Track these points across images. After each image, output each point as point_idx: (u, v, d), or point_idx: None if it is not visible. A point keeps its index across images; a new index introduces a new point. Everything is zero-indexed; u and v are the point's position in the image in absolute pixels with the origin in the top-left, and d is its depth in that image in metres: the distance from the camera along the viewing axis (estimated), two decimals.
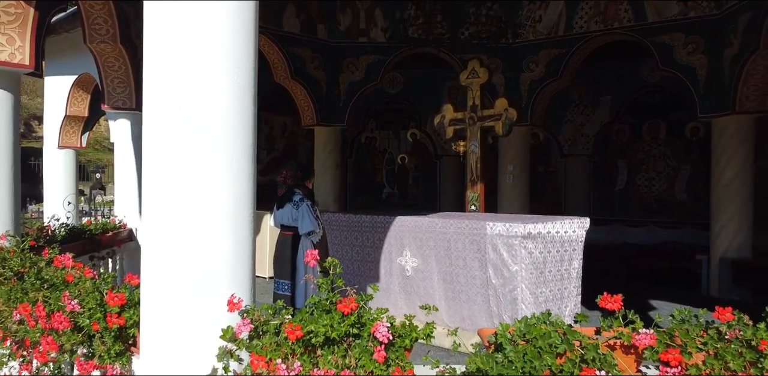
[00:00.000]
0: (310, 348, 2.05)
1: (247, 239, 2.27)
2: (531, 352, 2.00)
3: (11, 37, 4.13)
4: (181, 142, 2.14)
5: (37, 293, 2.61)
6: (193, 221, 2.15)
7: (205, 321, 2.14)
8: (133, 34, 6.75)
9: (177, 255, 2.14)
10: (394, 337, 2.05)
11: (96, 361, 2.38)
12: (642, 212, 10.29)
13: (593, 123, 10.59)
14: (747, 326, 2.10)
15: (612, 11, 8.00)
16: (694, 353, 2.09)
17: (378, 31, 8.93)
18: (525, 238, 4.59)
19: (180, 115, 2.13)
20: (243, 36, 2.22)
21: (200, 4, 2.12)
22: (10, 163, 4.30)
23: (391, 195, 11.89)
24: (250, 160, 2.26)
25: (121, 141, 7.09)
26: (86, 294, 2.46)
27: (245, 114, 2.23)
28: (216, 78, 2.15)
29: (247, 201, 2.26)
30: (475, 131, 6.19)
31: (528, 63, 8.68)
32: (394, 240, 5.41)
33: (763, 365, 2.03)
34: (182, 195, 2.15)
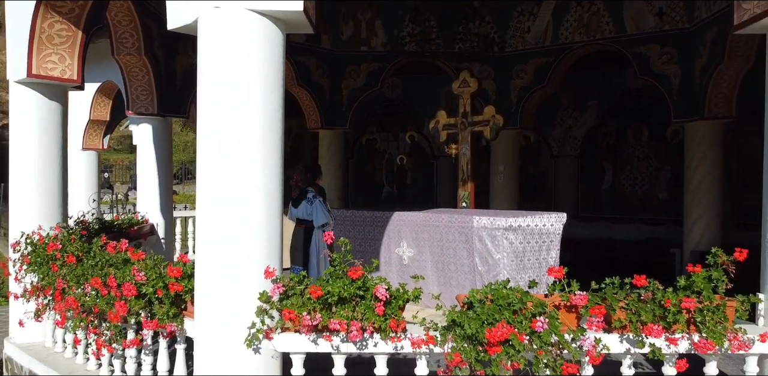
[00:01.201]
0: (327, 306, 2.72)
1: (277, 224, 2.94)
2: (493, 308, 2.66)
3: (63, 56, 4.79)
4: (225, 149, 2.80)
5: (109, 269, 3.27)
6: (236, 212, 2.81)
7: (246, 286, 2.81)
8: (156, 46, 7.42)
9: (225, 236, 2.81)
10: (390, 298, 2.72)
11: (158, 321, 3.05)
12: (627, 209, 10.92)
13: (581, 126, 11.23)
14: (658, 289, 2.78)
15: (594, 24, 8.65)
16: (618, 310, 2.76)
17: (378, 40, 9.59)
18: (506, 230, 5.26)
19: (228, 130, 2.80)
20: (274, 68, 2.88)
21: (240, 46, 2.79)
22: (59, 165, 4.97)
23: (390, 194, 12.54)
24: (279, 164, 2.93)
25: (144, 144, 7.75)
26: (148, 269, 3.12)
27: (275, 129, 2.90)
28: (253, 100, 2.82)
29: (276, 197, 2.93)
30: (466, 135, 6.85)
31: (517, 71, 9.33)
32: (393, 233, 6.08)
33: (667, 318, 2.70)
34: (229, 192, 2.82)
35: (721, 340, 2.68)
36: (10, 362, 4.86)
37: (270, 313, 2.81)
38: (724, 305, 2.75)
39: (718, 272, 2.81)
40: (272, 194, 2.90)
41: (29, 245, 4.45)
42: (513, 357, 2.56)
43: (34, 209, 4.78)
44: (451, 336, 2.69)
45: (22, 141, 4.81)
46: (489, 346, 2.55)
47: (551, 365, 2.64)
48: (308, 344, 2.83)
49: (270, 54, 2.90)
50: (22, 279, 4.40)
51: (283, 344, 2.84)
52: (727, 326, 2.75)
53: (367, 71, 9.66)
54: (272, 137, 2.89)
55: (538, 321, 2.56)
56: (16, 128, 4.86)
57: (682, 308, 2.69)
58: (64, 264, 3.94)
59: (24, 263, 4.41)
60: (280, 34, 2.94)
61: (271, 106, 2.90)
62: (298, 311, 2.67)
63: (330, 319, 2.63)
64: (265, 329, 2.78)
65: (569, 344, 2.66)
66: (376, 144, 12.62)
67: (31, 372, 4.51)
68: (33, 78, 4.66)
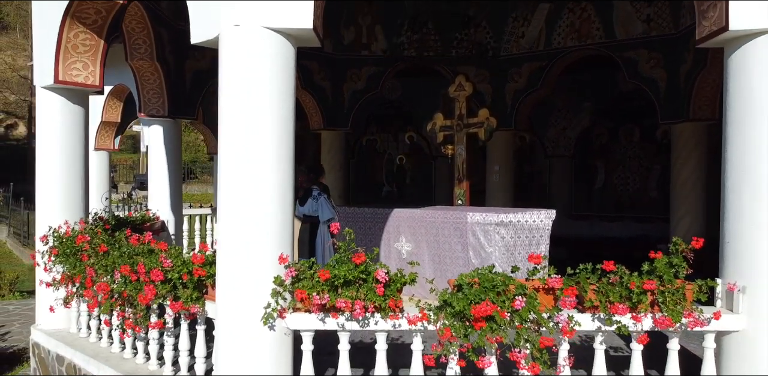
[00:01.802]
0: (334, 288, 3.10)
1: (288, 217, 3.31)
2: (479, 290, 3.04)
3: (86, 63, 5.17)
4: (243, 150, 3.18)
5: (137, 258, 3.64)
6: (253, 207, 3.19)
7: (262, 271, 3.18)
8: (167, 52, 7.80)
9: (244, 228, 3.18)
10: (389, 281, 3.10)
11: (182, 303, 3.42)
12: (618, 208, 11.31)
13: (574, 127, 11.60)
14: (624, 274, 3.16)
15: (585, 29, 9.03)
16: (590, 292, 3.14)
17: (378, 45, 9.96)
18: (498, 225, 5.64)
19: (246, 133, 3.18)
20: (286, 78, 3.26)
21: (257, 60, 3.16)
22: (82, 164, 5.34)
23: (390, 193, 12.92)
24: (290, 164, 3.31)
25: (155, 144, 8.13)
26: (174, 257, 3.50)
27: (288, 132, 3.28)
28: (268, 106, 3.20)
29: (287, 193, 3.30)
30: (462, 137, 7.23)
31: (512, 74, 9.71)
32: (392, 228, 6.46)
33: (633, 298, 3.08)
34: (247, 189, 3.19)
35: (679, 318, 3.06)
36: (38, 347, 5.23)
37: (283, 295, 3.19)
38: (683, 288, 3.13)
39: (678, 258, 3.20)
40: (284, 190, 3.28)
41: (56, 239, 4.83)
42: (496, 331, 2.94)
43: (60, 205, 5.15)
44: (443, 315, 3.07)
45: (48, 142, 5.18)
46: (475, 321, 2.92)
47: (531, 340, 3.01)
48: (317, 322, 3.21)
49: (282, 66, 3.28)
50: (50, 269, 4.78)
51: (294, 322, 3.22)
52: (685, 306, 3.13)
53: (368, 74, 10.04)
54: (285, 140, 3.26)
55: (517, 300, 2.94)
56: (42, 130, 5.23)
57: (645, 290, 3.06)
58: (93, 254, 4.32)
59: (52, 255, 4.79)
60: (291, 48, 3.32)
61: (283, 111, 3.28)
62: (308, 292, 3.05)
63: (337, 299, 3.01)
64: (279, 309, 3.16)
65: (546, 321, 3.04)
66: (377, 144, 12.99)
67: (58, 355, 4.88)
68: (59, 84, 5.04)
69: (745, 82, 3.24)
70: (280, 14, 3.16)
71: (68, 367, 4.74)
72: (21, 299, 9.70)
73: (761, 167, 3.17)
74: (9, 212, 16.16)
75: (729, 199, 3.34)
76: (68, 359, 4.73)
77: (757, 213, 3.17)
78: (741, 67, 3.26)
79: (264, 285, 3.16)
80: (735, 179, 3.29)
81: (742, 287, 3.24)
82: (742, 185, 3.24)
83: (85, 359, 4.50)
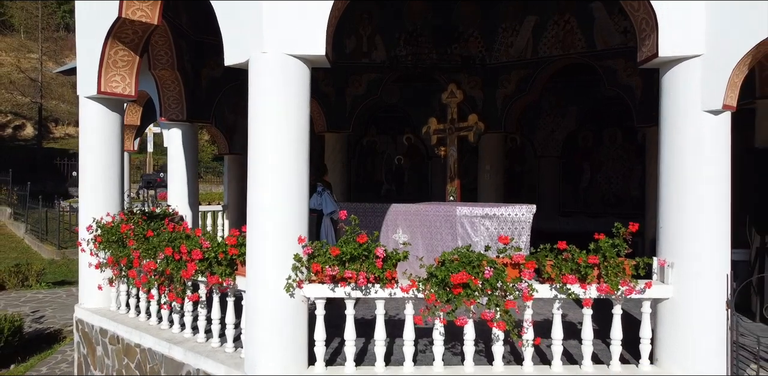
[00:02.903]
0: (342, 263, 3.87)
1: (305, 208, 4.08)
2: (459, 264, 3.81)
3: (124, 76, 5.93)
4: (268, 152, 3.95)
5: (179, 241, 4.42)
6: (277, 199, 3.96)
7: (284, 250, 3.95)
8: (185, 62, 8.58)
9: (270, 216, 3.95)
10: (386, 257, 3.87)
11: (218, 277, 4.20)
12: (603, 205, 12.09)
13: (562, 130, 12.39)
14: (575, 252, 3.93)
15: (569, 40, 9.80)
16: (547, 266, 3.92)
17: (378, 53, 10.73)
18: (483, 218, 6.41)
19: (270, 139, 3.95)
20: (303, 94, 4.04)
21: (279, 79, 3.94)
22: (118, 164, 6.11)
23: (389, 191, 13.70)
24: (305, 164, 4.08)
25: (174, 145, 8.90)
26: (211, 239, 4.27)
27: (304, 138, 4.05)
28: (288, 116, 3.97)
29: (304, 186, 4.07)
30: (453, 139, 8.00)
31: (502, 81, 10.48)
32: (390, 222, 7.23)
33: (581, 271, 3.85)
34: (271, 185, 3.96)
35: (617, 286, 3.84)
36: (81, 323, 6.00)
37: (301, 269, 3.96)
38: (622, 263, 3.91)
39: (619, 240, 3.97)
40: (301, 185, 4.05)
41: (100, 228, 5.60)
42: (470, 296, 3.71)
43: (101, 200, 5.91)
44: (429, 284, 3.84)
45: (90, 145, 5.95)
46: (454, 288, 3.70)
47: (499, 304, 3.79)
48: (328, 291, 3.98)
49: (300, 85, 4.05)
50: (96, 254, 5.56)
51: (310, 291, 3.99)
52: (624, 277, 3.90)
53: (368, 81, 10.82)
54: (303, 144, 4.03)
55: (487, 270, 3.72)
56: (85, 135, 5.99)
57: (591, 264, 3.84)
58: (138, 239, 5.08)
59: (97, 242, 5.57)
60: (307, 70, 4.09)
61: (301, 120, 4.04)
62: (322, 265, 3.82)
63: (344, 271, 3.78)
64: (297, 280, 3.93)
65: (511, 288, 3.81)
66: (376, 145, 13.77)
67: (101, 329, 5.65)
68: (101, 94, 5.80)
69: (673, 97, 4.02)
70: (299, 44, 3.93)
71: (111, 338, 5.52)
72: (47, 289, 10.47)
73: (686, 166, 3.95)
74: (26, 210, 16.91)
75: (662, 192, 4.12)
76: (111, 331, 5.51)
77: (683, 203, 3.95)
78: (670, 85, 4.04)
79: (286, 261, 3.93)
80: (666, 176, 4.07)
81: (671, 262, 4.02)
82: (671, 181, 4.02)
83: (128, 331, 5.28)
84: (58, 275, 11.81)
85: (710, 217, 3.91)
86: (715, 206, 3.92)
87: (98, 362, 5.72)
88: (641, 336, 4.11)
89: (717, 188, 3.92)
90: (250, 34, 4.01)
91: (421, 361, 4.30)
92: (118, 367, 5.41)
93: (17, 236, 16.66)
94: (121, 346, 5.35)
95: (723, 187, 3.94)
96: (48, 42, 37.10)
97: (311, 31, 3.95)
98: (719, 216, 3.93)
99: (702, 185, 3.91)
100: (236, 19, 4.16)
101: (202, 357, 4.46)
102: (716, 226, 3.92)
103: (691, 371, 3.97)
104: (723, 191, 3.94)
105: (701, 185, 3.92)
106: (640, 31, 4.25)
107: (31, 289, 10.37)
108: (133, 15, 5.52)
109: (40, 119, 31.76)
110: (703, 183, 3.91)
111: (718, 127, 3.92)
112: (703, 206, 3.91)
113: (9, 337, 6.54)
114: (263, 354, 4.00)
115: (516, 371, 4.09)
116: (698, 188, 3.92)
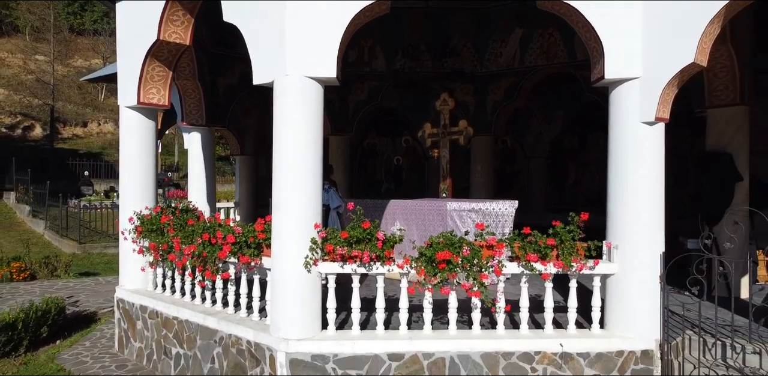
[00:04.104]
0: (350, 244, 4.81)
1: (319, 202, 5.02)
2: (444, 245, 4.76)
3: (159, 88, 6.87)
4: (289, 157, 4.89)
5: (215, 229, 5.36)
6: (297, 194, 4.90)
7: (303, 234, 4.89)
8: (205, 72, 9.52)
9: (292, 208, 4.89)
10: (385, 240, 4.82)
11: (248, 257, 5.14)
12: (586, 202, 13.02)
13: (549, 133, 13.33)
14: (537, 235, 4.88)
15: (553, 51, 10.73)
16: (515, 247, 4.86)
17: (378, 62, 11.66)
18: (470, 211, 7.36)
19: (291, 147, 4.89)
20: (318, 108, 4.98)
21: (298, 97, 4.88)
22: (153, 164, 7.04)
23: (388, 189, 14.64)
24: (319, 165, 5.02)
25: (194, 148, 9.85)
26: (242, 227, 5.21)
27: (318, 145, 4.99)
28: (306, 128, 4.91)
29: (318, 184, 5.01)
30: (446, 142, 8.94)
31: (492, 88, 11.43)
32: (389, 216, 8.17)
33: (541, 251, 4.80)
34: (293, 183, 4.90)
35: (569, 263, 4.78)
36: (122, 301, 6.94)
37: (316, 250, 4.90)
38: (575, 245, 4.85)
39: (573, 226, 4.90)
40: (316, 183, 4.98)
41: (140, 219, 6.54)
42: (452, 270, 4.65)
43: (139, 195, 6.85)
44: (420, 261, 4.78)
45: (129, 148, 6.88)
46: (439, 263, 4.64)
47: (476, 277, 4.73)
48: (338, 267, 4.92)
49: (315, 101, 4.98)
50: (137, 241, 6.51)
51: (324, 267, 4.93)
52: (577, 256, 4.84)
53: (369, 88, 11.79)
54: (318, 150, 4.97)
55: (465, 249, 4.66)
56: (125, 139, 6.93)
57: (549, 245, 4.78)
58: (177, 228, 6.02)
59: (137, 231, 6.51)
60: (321, 89, 5.03)
61: (317, 131, 4.98)
62: (334, 246, 4.77)
63: (352, 250, 4.72)
64: (314, 259, 4.87)
65: (486, 265, 4.75)
66: (377, 147, 14.72)
67: (141, 305, 6.59)
68: (140, 105, 6.75)
69: (617, 110, 4.97)
70: (315, 68, 4.87)
71: (150, 313, 6.46)
72: (75, 278, 11.42)
73: (627, 168, 4.89)
74: (46, 208, 17.85)
75: (609, 188, 5.06)
76: (151, 307, 6.45)
77: (623, 197, 4.91)
78: (615, 100, 4.99)
79: (305, 243, 4.87)
80: (612, 175, 5.02)
81: (616, 245, 4.97)
82: (616, 180, 4.98)
83: (166, 306, 6.22)
84: (82, 267, 12.76)
85: (646, 208, 4.86)
86: (650, 200, 4.87)
87: (138, 335, 6.66)
88: (592, 305, 5.06)
89: (652, 185, 4.87)
90: (275, 60, 4.94)
91: (414, 328, 5.24)
92: (157, 337, 6.35)
93: (37, 232, 17.62)
94: (160, 319, 6.30)
95: (657, 185, 4.89)
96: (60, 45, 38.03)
97: (325, 57, 4.89)
98: (653, 208, 4.88)
99: (640, 183, 4.86)
100: (263, 48, 5.10)
101: (233, 324, 5.41)
102: (651, 216, 4.87)
103: (633, 333, 4.92)
104: (657, 188, 4.89)
105: (639, 183, 4.87)
106: (592, 57, 5.19)
107: (60, 279, 11.31)
108: (169, 37, 6.47)
109: (52, 121, 32.70)
110: (641, 181, 4.86)
111: (653, 135, 4.87)
112: (641, 200, 4.85)
113: (55, 316, 7.47)
114: (286, 319, 4.94)
115: (491, 333, 5.03)
116: (637, 185, 4.87)
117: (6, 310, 7.20)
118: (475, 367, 4.87)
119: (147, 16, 6.45)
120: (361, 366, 4.85)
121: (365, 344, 4.87)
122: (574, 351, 4.91)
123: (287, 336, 4.90)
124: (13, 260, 11.25)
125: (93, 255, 14.66)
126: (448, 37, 11.34)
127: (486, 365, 4.86)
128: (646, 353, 4.92)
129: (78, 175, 24.90)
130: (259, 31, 5.13)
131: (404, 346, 4.88)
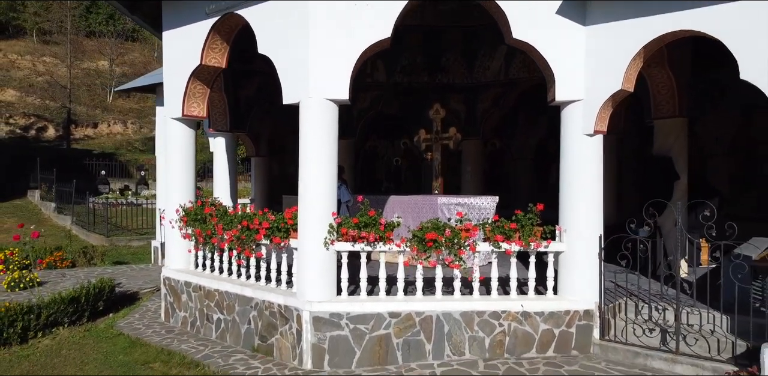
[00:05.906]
0: (359, 228, 6.26)
1: (334, 196, 6.46)
2: (431, 227, 6.21)
3: (199, 103, 8.30)
4: (313, 163, 6.33)
5: (252, 217, 6.80)
6: (318, 190, 6.34)
7: (323, 220, 6.33)
8: (229, 84, 10.96)
9: (315, 200, 6.33)
10: (386, 224, 6.27)
11: (279, 238, 6.58)
12: None
13: (534, 137, 14.76)
14: (504, 221, 6.34)
15: (533, 65, 12.13)
16: (487, 231, 6.32)
17: (379, 74, 13.10)
18: (457, 205, 8.81)
19: (314, 154, 6.34)
20: (334, 124, 6.42)
21: (318, 115, 6.33)
22: (192, 165, 8.47)
23: (388, 188, 16.10)
24: (334, 169, 6.46)
25: (218, 151, 11.30)
26: (275, 215, 6.66)
27: (335, 155, 6.43)
28: (325, 141, 6.35)
29: (334, 181, 6.44)
30: (438, 146, 10.38)
31: (481, 98, 12.87)
32: (389, 209, 9.61)
33: (507, 234, 6.26)
34: (315, 182, 6.34)
35: (527, 242, 6.22)
36: (168, 279, 8.38)
37: (332, 233, 6.33)
38: (533, 228, 6.29)
39: (532, 214, 6.34)
40: (332, 181, 6.41)
41: (184, 211, 7.98)
42: (438, 248, 6.09)
43: (183, 191, 8.28)
44: (413, 241, 6.22)
45: (174, 152, 8.32)
46: (428, 242, 6.08)
47: (455, 253, 6.16)
48: (350, 246, 6.35)
49: (332, 118, 6.42)
50: (184, 229, 7.95)
51: (338, 246, 6.36)
52: (534, 237, 6.28)
53: (371, 97, 13.23)
54: (334, 157, 6.40)
55: (447, 231, 6.09)
56: (170, 145, 8.37)
57: (512, 229, 6.23)
58: (220, 216, 7.45)
59: (183, 221, 7.95)
60: (336, 107, 6.47)
61: (331, 140, 6.41)
62: (347, 229, 6.21)
63: (361, 232, 6.16)
64: (330, 239, 6.30)
65: (463, 244, 6.19)
66: (377, 149, 16.18)
67: (186, 281, 8.03)
68: (184, 117, 8.18)
69: (566, 125, 6.43)
70: (332, 92, 6.31)
71: (194, 287, 7.90)
72: (111, 266, 12.85)
73: (573, 170, 6.34)
74: (72, 204, 19.29)
75: (561, 186, 6.51)
76: (194, 283, 7.89)
77: (569, 191, 6.36)
78: (564, 117, 6.45)
79: (324, 227, 6.31)
80: (563, 175, 6.48)
81: (564, 229, 6.41)
82: (565, 179, 6.43)
83: (209, 281, 7.66)
84: (113, 258, 14.19)
85: (587, 201, 6.32)
86: (590, 194, 6.33)
87: (183, 306, 8.10)
88: (547, 276, 6.50)
89: (592, 183, 6.33)
90: (301, 85, 6.38)
91: (408, 296, 6.67)
92: (200, 307, 7.79)
93: (64, 227, 19.05)
94: (203, 292, 7.74)
95: (597, 182, 6.35)
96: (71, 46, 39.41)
97: (339, 84, 6.32)
98: (593, 200, 6.34)
99: (582, 181, 6.33)
100: (292, 76, 6.52)
101: (267, 292, 6.85)
102: (590, 206, 6.32)
103: (578, 297, 6.37)
104: (597, 185, 6.35)
105: (581, 181, 6.33)
106: (547, 82, 6.63)
107: (98, 266, 12.75)
108: (210, 62, 7.90)
109: (68, 122, 34.12)
110: (583, 180, 6.33)
111: (593, 145, 6.33)
112: (582, 194, 6.31)
113: (108, 293, 8.91)
114: (309, 287, 6.37)
115: (468, 298, 6.47)
116: (580, 183, 6.33)
117: (70, 288, 8.65)
118: (455, 323, 6.31)
119: (190, 44, 7.88)
120: (368, 322, 6.28)
121: (371, 304, 6.32)
122: (532, 310, 6.36)
123: (311, 299, 6.33)
124: (55, 250, 12.69)
125: (119, 247, 16.09)
126: (441, 53, 12.77)
127: (464, 321, 6.31)
128: (587, 312, 6.37)
129: (94, 174, 26.32)
130: (288, 62, 6.56)
131: (401, 306, 6.32)
